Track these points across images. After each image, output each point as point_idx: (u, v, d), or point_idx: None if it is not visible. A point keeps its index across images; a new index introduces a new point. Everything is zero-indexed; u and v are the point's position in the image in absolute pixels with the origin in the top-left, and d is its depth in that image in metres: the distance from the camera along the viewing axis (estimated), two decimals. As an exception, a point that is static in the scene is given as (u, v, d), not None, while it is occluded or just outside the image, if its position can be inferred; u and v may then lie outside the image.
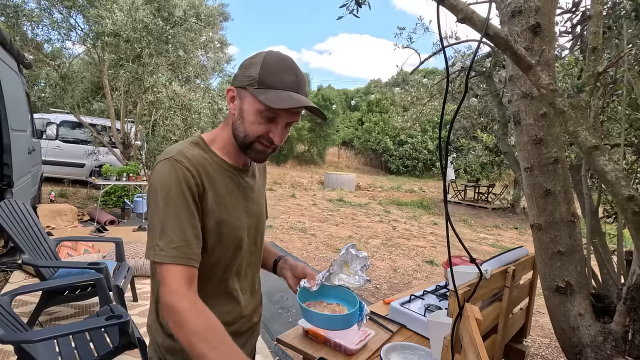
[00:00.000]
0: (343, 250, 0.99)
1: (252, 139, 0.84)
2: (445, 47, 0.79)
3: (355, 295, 0.97)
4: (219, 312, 0.90)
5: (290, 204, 9.25)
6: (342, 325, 0.92)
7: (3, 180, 3.35)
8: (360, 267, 0.99)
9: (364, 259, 0.99)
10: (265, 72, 0.81)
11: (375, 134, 21.80)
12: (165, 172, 0.78)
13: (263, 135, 0.84)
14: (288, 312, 3.25)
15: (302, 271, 1.02)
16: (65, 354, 1.69)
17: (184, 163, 0.79)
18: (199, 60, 8.37)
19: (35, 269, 2.53)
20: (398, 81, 6.59)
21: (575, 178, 1.91)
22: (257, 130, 0.83)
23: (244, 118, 0.84)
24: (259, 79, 0.81)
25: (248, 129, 0.83)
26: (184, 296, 0.73)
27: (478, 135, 7.05)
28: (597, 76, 1.12)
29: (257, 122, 0.82)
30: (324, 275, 0.96)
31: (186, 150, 0.83)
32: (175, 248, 0.74)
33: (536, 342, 3.20)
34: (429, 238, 6.92)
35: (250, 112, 0.83)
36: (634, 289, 1.20)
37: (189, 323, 0.70)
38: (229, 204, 0.87)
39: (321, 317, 0.91)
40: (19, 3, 5.88)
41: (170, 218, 0.76)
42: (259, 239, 1.00)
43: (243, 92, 0.84)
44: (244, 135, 0.84)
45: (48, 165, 7.44)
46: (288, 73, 0.82)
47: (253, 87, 0.81)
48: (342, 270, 0.99)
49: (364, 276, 0.98)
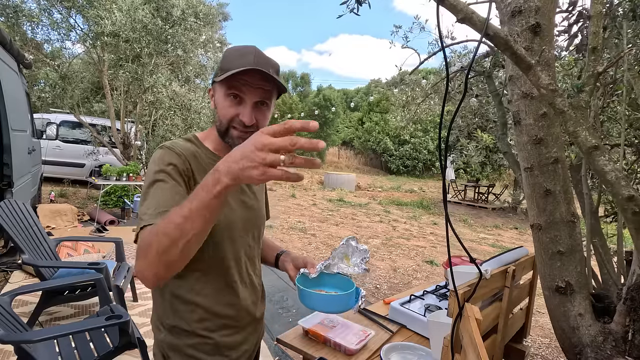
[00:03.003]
0: (343, 242, 1.01)
1: (226, 124, 0.87)
2: (444, 47, 0.79)
3: (353, 282, 1.00)
4: (219, 304, 0.91)
5: (290, 204, 9.25)
6: (339, 307, 0.94)
7: (3, 180, 3.35)
8: (360, 259, 1.00)
9: (364, 251, 1.00)
10: (225, 61, 0.87)
11: (376, 134, 21.80)
12: (156, 157, 0.84)
13: (234, 118, 0.86)
14: (288, 312, 3.25)
15: (304, 261, 1.04)
16: (65, 354, 1.69)
17: (175, 149, 0.84)
18: (198, 60, 8.37)
19: (35, 269, 2.53)
20: (397, 81, 6.58)
21: (575, 178, 1.91)
22: (227, 114, 0.86)
23: (218, 107, 0.89)
24: (220, 67, 0.87)
25: (220, 115, 0.88)
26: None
27: (478, 135, 7.06)
28: (597, 76, 1.11)
29: (227, 105, 0.86)
30: (324, 264, 0.99)
31: (178, 143, 0.89)
32: (152, 214, 0.71)
33: (536, 342, 3.20)
34: (429, 238, 6.91)
35: (220, 99, 0.88)
36: (634, 289, 1.20)
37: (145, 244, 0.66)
38: None
39: (319, 298, 0.93)
40: (19, 3, 5.88)
41: (155, 191, 0.77)
42: (257, 232, 1.01)
43: (214, 85, 0.90)
44: (219, 123, 0.89)
45: (48, 165, 7.44)
46: (246, 55, 0.85)
47: (217, 76, 0.87)
48: (342, 261, 1.02)
49: (363, 266, 1.00)
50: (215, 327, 0.91)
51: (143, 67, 6.15)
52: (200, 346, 0.89)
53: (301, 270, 0.99)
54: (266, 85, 0.85)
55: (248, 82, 0.84)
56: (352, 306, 0.95)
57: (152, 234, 0.65)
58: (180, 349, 0.88)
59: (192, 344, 0.89)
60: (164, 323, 0.90)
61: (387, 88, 9.87)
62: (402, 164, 21.36)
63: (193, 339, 0.89)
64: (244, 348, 0.97)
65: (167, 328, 0.89)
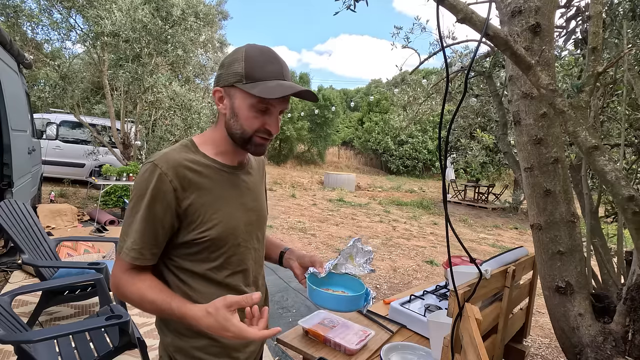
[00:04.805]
0: (350, 243, 1.05)
1: (251, 134, 0.86)
2: (445, 47, 0.79)
3: (361, 282, 1.03)
4: None
5: (290, 204, 9.25)
6: (349, 306, 0.97)
7: (3, 180, 3.35)
8: (364, 260, 1.05)
9: (368, 252, 1.05)
10: (250, 66, 0.83)
11: (376, 134, 21.80)
12: (143, 176, 0.82)
13: (260, 129, 0.85)
14: (288, 312, 3.25)
15: (310, 260, 1.04)
16: (65, 354, 1.69)
17: (163, 168, 0.81)
18: (198, 60, 8.36)
19: (35, 269, 2.53)
20: (397, 81, 6.57)
21: (575, 178, 1.91)
22: (254, 124, 0.85)
23: (238, 115, 0.85)
24: (245, 74, 0.82)
25: (244, 125, 0.85)
26: (119, 279, 0.84)
27: (478, 135, 7.05)
28: (597, 76, 1.11)
29: (252, 116, 0.84)
30: (332, 263, 1.02)
31: (171, 154, 0.84)
32: (128, 248, 0.82)
33: (536, 342, 3.20)
34: (429, 238, 6.92)
35: (243, 107, 0.84)
36: (634, 289, 1.20)
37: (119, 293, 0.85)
38: (220, 202, 0.88)
39: (330, 298, 0.96)
40: (19, 3, 5.88)
41: (133, 219, 0.82)
42: (260, 233, 1.00)
43: (231, 90, 0.85)
44: (242, 131, 0.86)
45: (48, 165, 7.44)
46: (271, 63, 0.84)
47: (241, 82, 0.83)
48: (348, 261, 1.05)
49: (368, 266, 1.04)
50: None
51: (143, 67, 6.15)
52: (207, 348, 0.89)
53: (310, 270, 1.00)
54: (290, 95, 0.86)
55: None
56: (361, 306, 0.99)
57: (128, 294, 0.83)
58: (187, 351, 0.88)
59: (198, 346, 0.88)
60: (168, 325, 0.90)
61: (388, 88, 9.87)
62: (402, 164, 21.36)
63: (200, 341, 0.89)
64: (250, 349, 0.97)
65: (172, 330, 0.89)
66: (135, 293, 0.81)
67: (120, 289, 0.83)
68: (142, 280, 0.82)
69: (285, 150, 19.19)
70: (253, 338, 0.73)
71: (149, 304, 0.80)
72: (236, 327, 0.73)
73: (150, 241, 0.82)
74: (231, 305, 0.74)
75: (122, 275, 0.83)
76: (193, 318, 0.76)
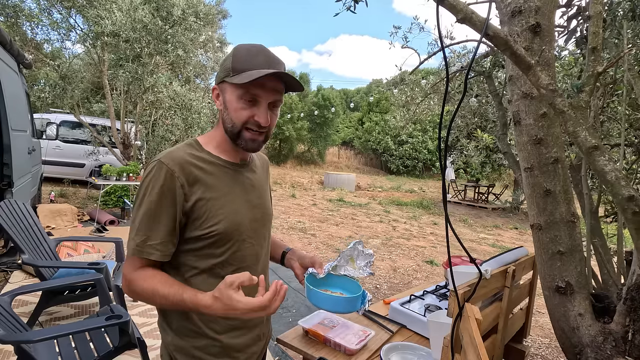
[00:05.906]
0: (351, 245, 1.06)
1: (240, 127, 0.87)
2: (444, 47, 0.79)
3: (359, 284, 1.04)
4: None
5: (290, 204, 9.25)
6: (346, 308, 0.98)
7: (3, 180, 3.35)
8: (365, 263, 1.06)
9: (369, 255, 1.06)
10: (237, 60, 0.85)
11: (376, 134, 21.80)
12: (151, 173, 0.83)
13: (249, 120, 0.86)
14: (288, 312, 3.25)
15: (311, 260, 1.05)
16: (65, 354, 1.69)
17: (169, 165, 0.83)
18: (198, 60, 8.36)
19: (35, 269, 2.53)
20: (397, 81, 6.57)
21: (575, 178, 1.91)
22: (242, 116, 0.86)
23: (228, 108, 0.87)
24: (232, 67, 0.85)
25: (233, 117, 0.87)
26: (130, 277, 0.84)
27: (478, 134, 7.05)
28: (597, 76, 1.11)
29: (240, 107, 0.86)
30: (331, 264, 1.02)
31: (176, 152, 0.86)
32: (140, 245, 0.83)
33: (536, 342, 3.20)
34: (429, 238, 6.91)
35: (232, 100, 0.86)
36: (634, 289, 1.20)
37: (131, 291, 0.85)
38: (226, 198, 0.88)
39: (327, 299, 0.96)
40: (19, 3, 5.88)
41: (143, 216, 0.82)
42: (266, 231, 1.01)
43: (223, 85, 0.88)
44: (232, 124, 0.87)
45: (48, 165, 7.44)
46: (257, 55, 0.86)
47: (229, 76, 0.85)
48: (348, 264, 1.06)
49: (367, 269, 1.05)
50: (223, 329, 0.90)
51: (143, 67, 6.15)
52: (208, 348, 0.89)
53: (309, 270, 1.01)
54: (279, 85, 0.87)
55: (264, 84, 0.84)
56: (358, 308, 0.99)
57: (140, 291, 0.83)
58: (188, 351, 0.88)
59: (199, 346, 0.88)
60: (170, 324, 0.90)
61: (387, 88, 9.87)
62: (402, 164, 21.35)
63: (201, 341, 0.89)
64: (252, 350, 0.97)
65: (174, 329, 0.89)
66: (147, 289, 0.81)
67: (132, 287, 0.83)
68: (153, 276, 0.83)
69: (285, 150, 19.18)
70: (261, 303, 0.73)
71: (162, 299, 0.80)
72: (242, 302, 0.73)
73: (163, 237, 0.83)
74: (232, 283, 0.74)
75: (133, 273, 0.83)
76: (205, 307, 0.76)
